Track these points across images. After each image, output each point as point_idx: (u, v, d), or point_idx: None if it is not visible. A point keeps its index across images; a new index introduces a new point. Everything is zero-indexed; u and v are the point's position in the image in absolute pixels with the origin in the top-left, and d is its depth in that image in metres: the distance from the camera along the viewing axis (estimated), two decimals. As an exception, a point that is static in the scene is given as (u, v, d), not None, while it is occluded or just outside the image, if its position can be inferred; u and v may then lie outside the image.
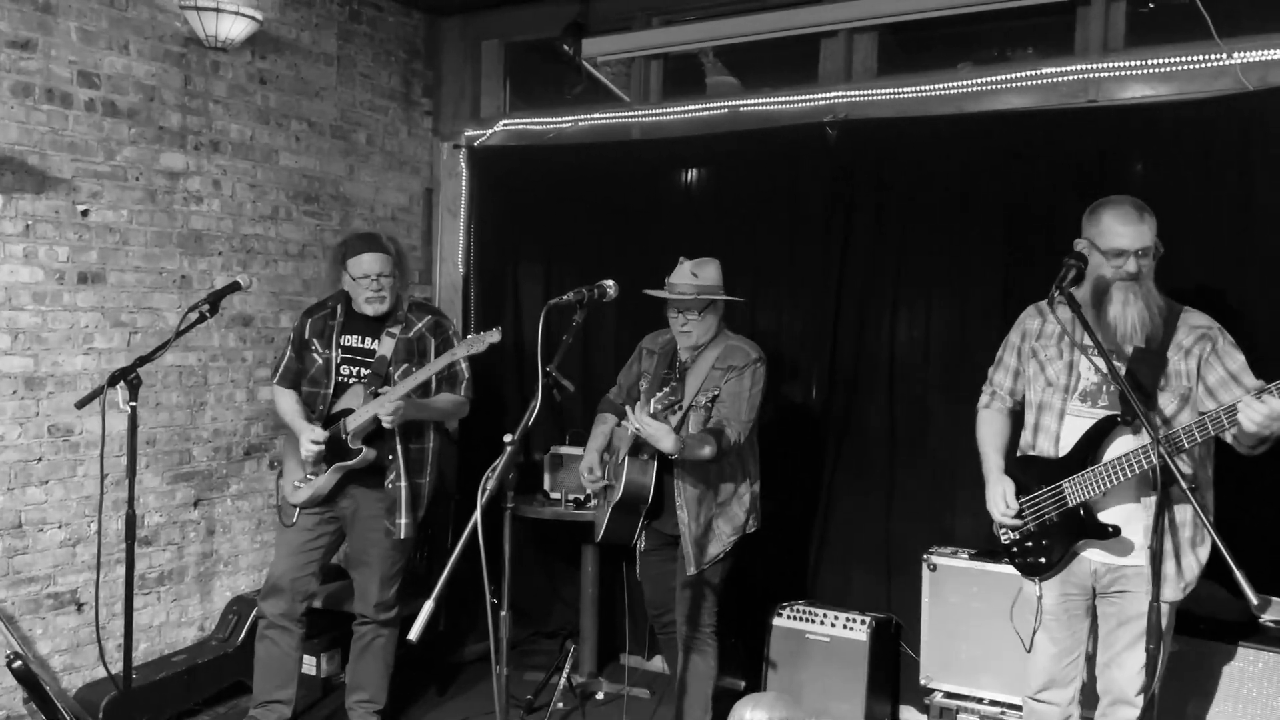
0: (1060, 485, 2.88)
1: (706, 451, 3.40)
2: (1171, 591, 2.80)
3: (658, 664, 4.69)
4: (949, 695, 3.86)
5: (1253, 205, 3.63)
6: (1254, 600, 2.26)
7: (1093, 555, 2.91)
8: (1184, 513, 2.80)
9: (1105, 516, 2.84)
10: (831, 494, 4.42)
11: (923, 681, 3.93)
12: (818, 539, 4.43)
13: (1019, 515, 2.97)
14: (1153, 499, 2.73)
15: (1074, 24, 4.06)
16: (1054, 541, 2.93)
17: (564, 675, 4.34)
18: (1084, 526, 2.86)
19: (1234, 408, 2.54)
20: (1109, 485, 2.78)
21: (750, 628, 4.30)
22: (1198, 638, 3.37)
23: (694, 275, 3.54)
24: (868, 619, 4.04)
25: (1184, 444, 2.63)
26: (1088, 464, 2.82)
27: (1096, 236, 2.83)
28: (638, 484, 3.53)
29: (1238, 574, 2.25)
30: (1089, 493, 2.81)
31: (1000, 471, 3.06)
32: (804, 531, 4.42)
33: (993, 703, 3.76)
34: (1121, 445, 2.79)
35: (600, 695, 4.50)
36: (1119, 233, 2.78)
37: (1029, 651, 3.09)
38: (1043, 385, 2.99)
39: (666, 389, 3.45)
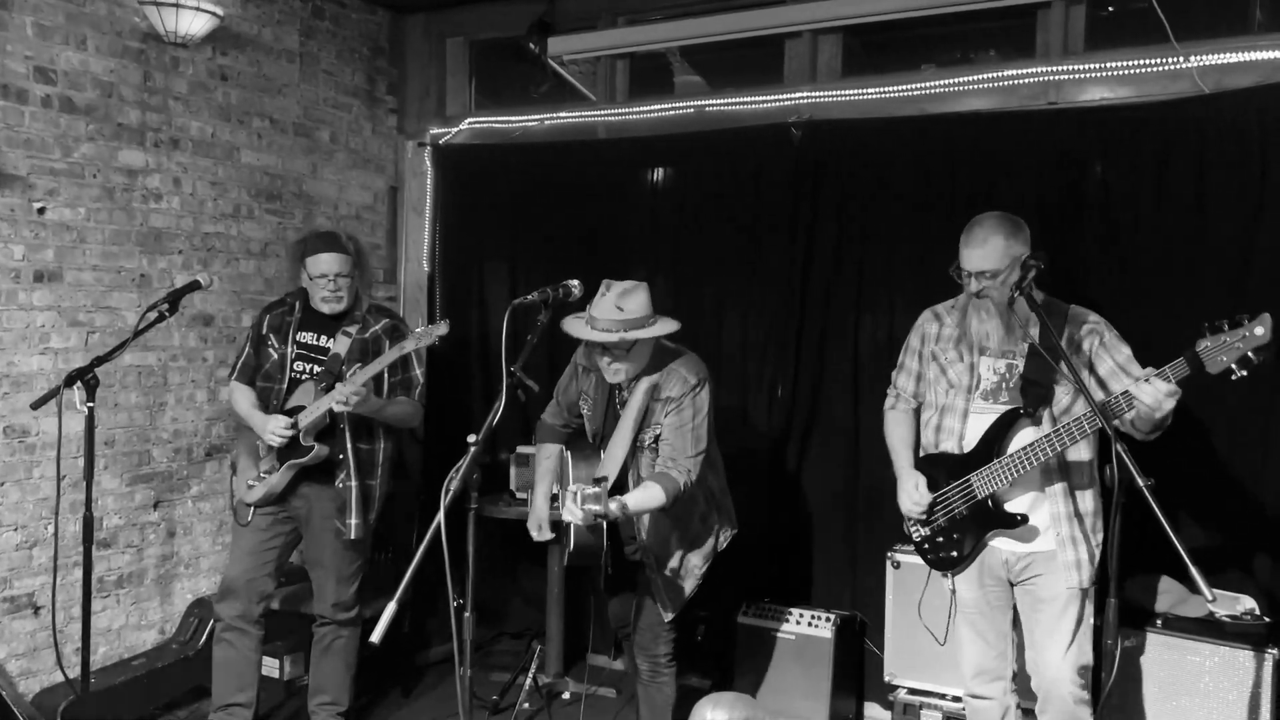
0: (968, 479, 2.98)
1: (656, 503, 3.12)
2: (1086, 578, 2.92)
3: (624, 663, 4.69)
4: (912, 692, 3.89)
5: (1207, 205, 3.68)
6: (1209, 595, 2.31)
7: (1001, 544, 3.01)
8: (1085, 501, 2.95)
9: (1011, 506, 2.96)
10: (797, 492, 4.44)
11: (887, 678, 3.95)
12: (783, 537, 4.45)
13: (930, 511, 3.07)
14: (1058, 487, 2.90)
15: (1035, 27, 4.11)
16: (964, 535, 3.03)
17: (530, 676, 4.33)
18: (993, 517, 2.97)
19: (1128, 393, 2.65)
20: (1015, 476, 2.89)
21: (716, 626, 4.31)
22: (1154, 632, 3.42)
23: (619, 309, 3.12)
24: (832, 617, 4.06)
25: (1086, 430, 2.76)
26: (993, 456, 2.94)
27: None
28: (588, 544, 3.25)
29: (1193, 570, 2.29)
30: (997, 484, 2.93)
31: (910, 467, 3.18)
32: (770, 530, 4.43)
33: (955, 699, 3.79)
34: (1024, 437, 2.92)
35: (566, 695, 4.49)
36: (962, 254, 2.99)
37: (942, 645, 3.24)
38: (945, 387, 3.10)
39: (593, 483, 2.98)
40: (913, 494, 3.09)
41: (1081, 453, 2.93)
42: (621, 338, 3.11)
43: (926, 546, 3.13)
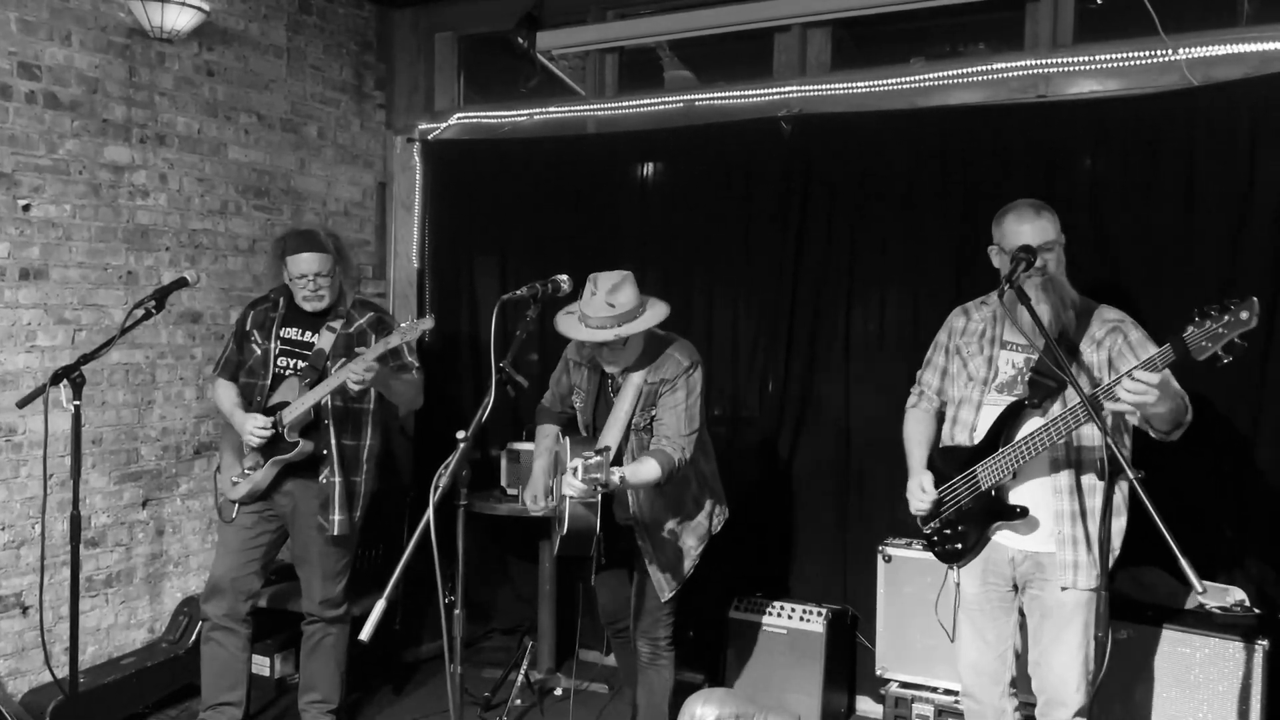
0: (974, 471, 2.96)
1: (652, 476, 3.18)
2: (1086, 579, 2.85)
3: (615, 659, 4.68)
4: (904, 685, 3.90)
5: (1195, 197, 3.69)
6: (1199, 587, 2.30)
7: (1007, 541, 2.97)
8: (1094, 502, 2.88)
9: (1015, 499, 2.92)
10: (788, 487, 4.44)
11: (878, 672, 3.96)
12: (774, 532, 4.45)
13: (939, 504, 3.04)
14: (1065, 483, 2.85)
15: (1024, 20, 4.10)
16: (969, 526, 3.01)
17: (521, 672, 4.33)
18: (996, 509, 2.94)
19: (1118, 379, 2.57)
20: (1018, 464, 2.86)
21: (708, 621, 4.31)
22: (1144, 624, 3.42)
23: (610, 305, 3.20)
24: (824, 611, 4.06)
25: (1080, 419, 2.70)
26: (999, 448, 2.90)
27: (1001, 239, 2.93)
28: (583, 522, 3.27)
29: (1182, 561, 2.28)
30: (1000, 474, 2.90)
31: (922, 466, 3.13)
32: (761, 524, 4.43)
33: (947, 691, 3.80)
34: (1031, 428, 2.86)
35: (558, 691, 4.49)
36: (1020, 231, 2.89)
37: (954, 641, 3.16)
38: (964, 381, 3.08)
39: (594, 453, 2.95)
40: (918, 494, 3.07)
41: (1094, 451, 2.85)
42: (617, 334, 3.19)
43: (935, 539, 3.09)
